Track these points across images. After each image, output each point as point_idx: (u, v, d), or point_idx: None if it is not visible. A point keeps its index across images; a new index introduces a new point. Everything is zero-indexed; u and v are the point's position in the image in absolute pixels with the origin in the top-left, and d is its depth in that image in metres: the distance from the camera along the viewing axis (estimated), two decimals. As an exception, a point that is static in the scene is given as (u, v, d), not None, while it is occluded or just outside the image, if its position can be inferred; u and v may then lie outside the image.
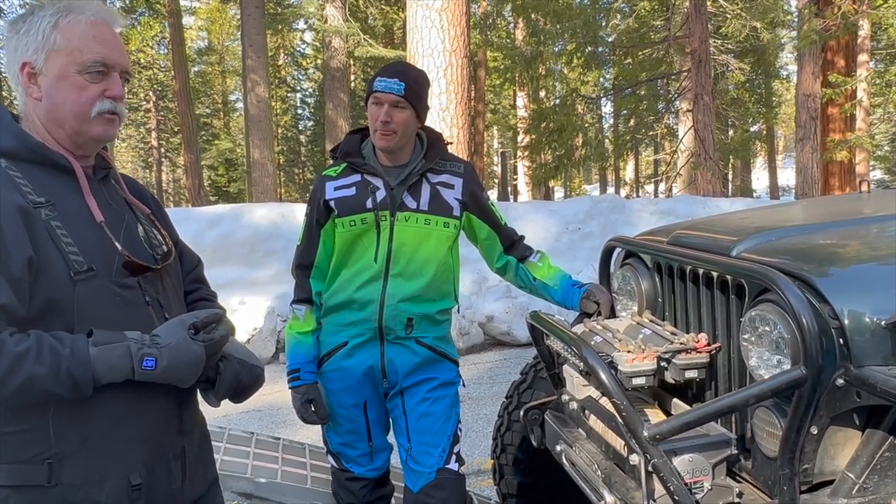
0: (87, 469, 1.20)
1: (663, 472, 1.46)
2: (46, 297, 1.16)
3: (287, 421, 4.57)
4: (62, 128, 1.27)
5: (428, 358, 2.16)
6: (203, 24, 30.39)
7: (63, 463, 1.18)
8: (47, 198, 1.20)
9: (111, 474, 1.22)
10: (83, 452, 1.20)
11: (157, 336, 1.22)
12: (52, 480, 1.17)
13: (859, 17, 12.38)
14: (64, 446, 1.18)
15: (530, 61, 13.91)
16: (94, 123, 1.28)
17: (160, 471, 1.31)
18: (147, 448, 1.28)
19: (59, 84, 1.25)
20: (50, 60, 1.24)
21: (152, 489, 1.28)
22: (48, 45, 1.24)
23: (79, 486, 1.19)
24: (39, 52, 1.23)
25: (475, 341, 6.43)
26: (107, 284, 1.23)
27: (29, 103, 1.27)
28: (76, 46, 1.25)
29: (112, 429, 1.23)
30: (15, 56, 1.24)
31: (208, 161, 27.11)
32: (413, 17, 7.62)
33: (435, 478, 2.12)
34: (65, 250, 1.18)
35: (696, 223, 2.30)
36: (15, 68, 1.24)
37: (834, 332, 1.42)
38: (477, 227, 2.25)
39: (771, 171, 31.15)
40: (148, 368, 1.18)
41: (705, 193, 11.42)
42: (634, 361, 1.70)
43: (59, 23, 1.24)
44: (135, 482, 1.24)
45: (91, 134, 1.29)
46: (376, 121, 2.06)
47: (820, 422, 1.44)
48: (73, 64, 1.25)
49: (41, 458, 1.17)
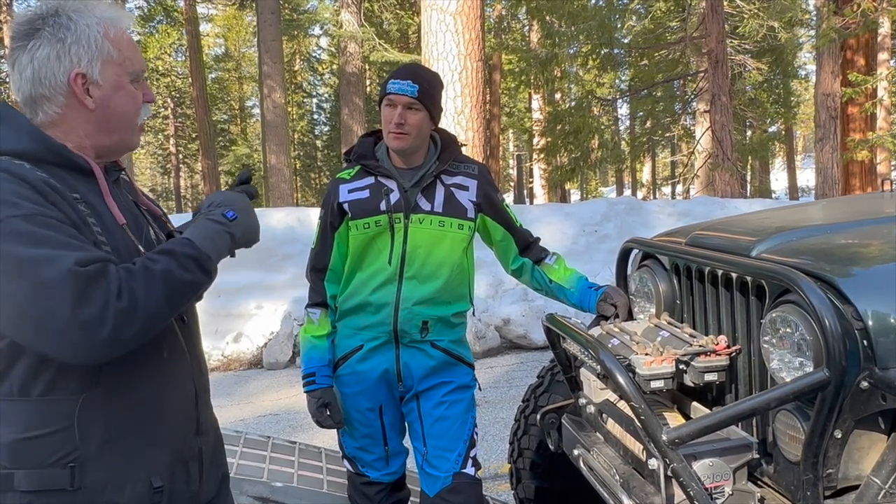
0: (110, 472, 1.20)
1: (683, 477, 1.44)
2: None
3: (303, 425, 4.58)
4: (109, 136, 1.29)
5: (443, 361, 2.15)
6: (220, 31, 30.65)
7: (86, 466, 1.18)
8: (79, 195, 1.20)
9: (133, 477, 1.22)
10: (106, 455, 1.20)
11: (211, 197, 1.38)
12: (75, 484, 1.17)
13: (879, 15, 12.21)
14: (87, 448, 1.18)
15: (545, 64, 13.87)
16: (137, 132, 1.33)
17: (179, 473, 1.31)
18: (168, 450, 1.28)
19: (116, 94, 1.27)
20: (105, 70, 1.25)
21: (173, 491, 1.28)
22: (102, 54, 1.24)
23: (101, 489, 1.19)
24: (94, 63, 1.24)
25: (491, 344, 6.41)
26: None
27: (68, 113, 1.25)
28: (127, 56, 1.28)
29: (134, 430, 1.23)
30: (59, 65, 1.22)
31: (226, 167, 27.37)
32: (427, 21, 7.64)
33: (451, 482, 2.11)
34: (102, 248, 1.18)
35: (715, 224, 2.27)
36: (59, 77, 1.23)
37: (857, 333, 1.39)
38: (492, 228, 2.24)
39: (790, 172, 30.85)
40: (231, 217, 1.33)
41: (723, 195, 11.32)
42: (653, 364, 1.68)
43: (108, 32, 1.25)
44: (156, 484, 1.25)
45: (134, 142, 1.34)
46: (390, 123, 2.05)
47: (844, 425, 1.41)
48: (126, 73, 1.28)
49: (65, 461, 1.17)
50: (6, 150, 1.20)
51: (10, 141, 1.21)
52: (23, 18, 1.25)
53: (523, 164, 29.32)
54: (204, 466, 1.37)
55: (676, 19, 15.86)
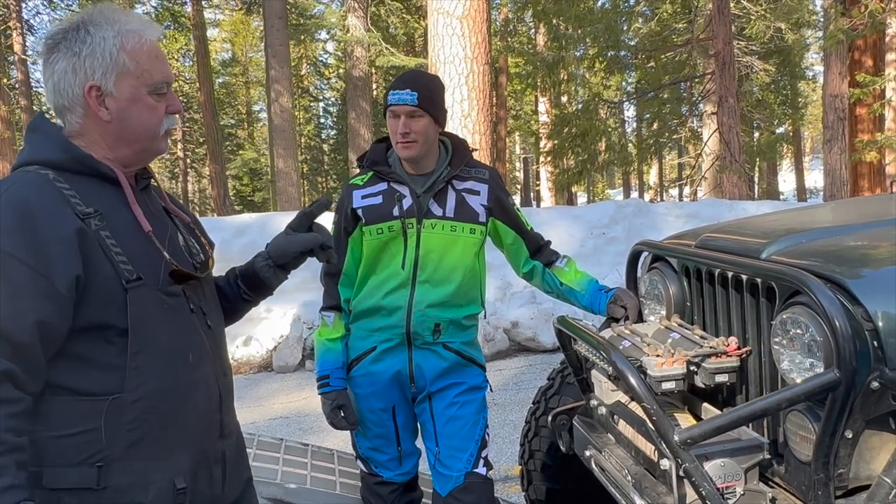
0: (135, 472, 1.22)
1: (695, 477, 1.45)
2: (98, 308, 1.19)
3: (313, 428, 4.60)
4: (130, 147, 1.31)
5: (455, 363, 2.17)
6: (227, 35, 30.76)
7: (112, 466, 1.20)
8: (96, 208, 1.22)
9: (157, 478, 1.24)
10: (131, 456, 1.22)
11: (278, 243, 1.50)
12: (101, 483, 1.19)
13: (887, 16, 12.17)
14: (114, 449, 1.20)
15: (552, 66, 13.88)
16: (160, 140, 1.34)
17: (202, 475, 1.33)
18: (192, 452, 1.30)
19: (133, 106, 1.28)
20: (120, 82, 1.26)
21: (196, 493, 1.30)
22: (117, 67, 1.26)
23: (126, 489, 1.21)
24: (109, 75, 1.25)
25: (500, 347, 6.41)
26: (154, 293, 1.25)
27: (88, 124, 1.28)
28: (145, 68, 1.28)
29: (159, 432, 1.25)
30: (74, 78, 1.25)
31: (233, 171, 27.42)
32: (434, 25, 7.66)
33: (464, 482, 2.13)
34: (115, 260, 1.21)
35: (724, 226, 2.29)
36: (75, 89, 1.25)
37: (868, 334, 1.40)
38: (503, 232, 2.26)
39: (798, 174, 30.69)
40: None
41: (731, 196, 11.28)
42: (664, 366, 1.70)
43: (125, 44, 1.26)
44: (179, 486, 1.26)
45: (158, 150, 1.34)
46: (396, 133, 2.08)
47: (855, 426, 1.42)
48: (144, 86, 1.29)
49: (91, 461, 1.19)
50: (37, 159, 1.25)
51: (42, 151, 1.25)
52: (50, 32, 1.29)
53: (530, 166, 29.30)
54: (227, 469, 1.39)
55: (683, 21, 15.82)
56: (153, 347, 1.24)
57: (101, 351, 1.21)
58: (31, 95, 18.08)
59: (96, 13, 1.28)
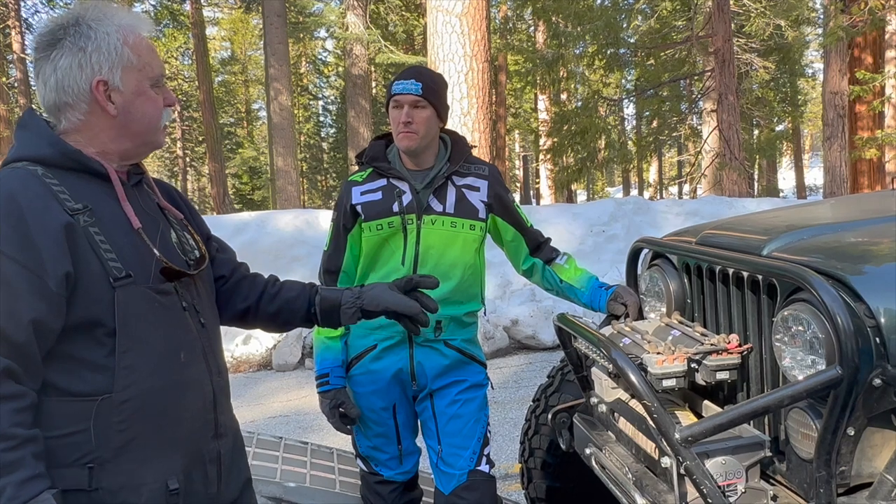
0: (126, 473, 1.21)
1: (696, 475, 1.45)
2: (87, 305, 1.18)
3: (313, 426, 4.59)
4: (132, 141, 1.31)
5: (457, 360, 2.17)
6: (226, 34, 30.75)
7: (103, 467, 1.19)
8: (85, 204, 1.21)
9: (149, 479, 1.23)
10: (123, 457, 1.21)
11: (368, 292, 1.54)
12: (93, 484, 1.18)
13: (887, 12, 12.16)
14: (104, 450, 1.19)
15: (551, 64, 13.88)
16: (160, 133, 1.35)
17: (197, 475, 1.31)
18: (185, 452, 1.29)
19: (138, 100, 1.29)
20: (125, 76, 1.27)
21: (189, 494, 1.29)
22: (122, 61, 1.26)
23: (118, 490, 1.20)
24: (115, 70, 1.26)
25: (500, 345, 6.41)
26: (145, 290, 1.24)
27: (92, 119, 1.27)
28: (146, 62, 1.30)
29: (151, 433, 1.24)
30: (81, 73, 1.25)
31: (233, 169, 27.42)
32: (433, 23, 7.65)
33: (467, 479, 2.12)
34: (104, 257, 1.19)
35: (725, 223, 2.28)
36: (81, 85, 1.25)
37: (870, 330, 1.39)
38: (502, 229, 2.25)
39: (798, 171, 30.69)
40: None
41: (731, 194, 11.28)
42: (664, 363, 1.69)
43: (127, 39, 1.27)
44: (172, 486, 1.25)
45: (157, 143, 1.36)
46: (398, 123, 2.07)
47: (857, 423, 1.42)
48: (146, 79, 1.30)
49: (82, 462, 1.18)
50: (26, 155, 1.24)
51: (31, 147, 1.24)
52: (45, 29, 1.27)
53: (529, 164, 29.30)
54: (223, 469, 1.38)
55: (682, 18, 15.80)
56: (143, 346, 1.22)
57: (91, 350, 1.19)
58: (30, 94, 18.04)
59: (92, 9, 1.28)
